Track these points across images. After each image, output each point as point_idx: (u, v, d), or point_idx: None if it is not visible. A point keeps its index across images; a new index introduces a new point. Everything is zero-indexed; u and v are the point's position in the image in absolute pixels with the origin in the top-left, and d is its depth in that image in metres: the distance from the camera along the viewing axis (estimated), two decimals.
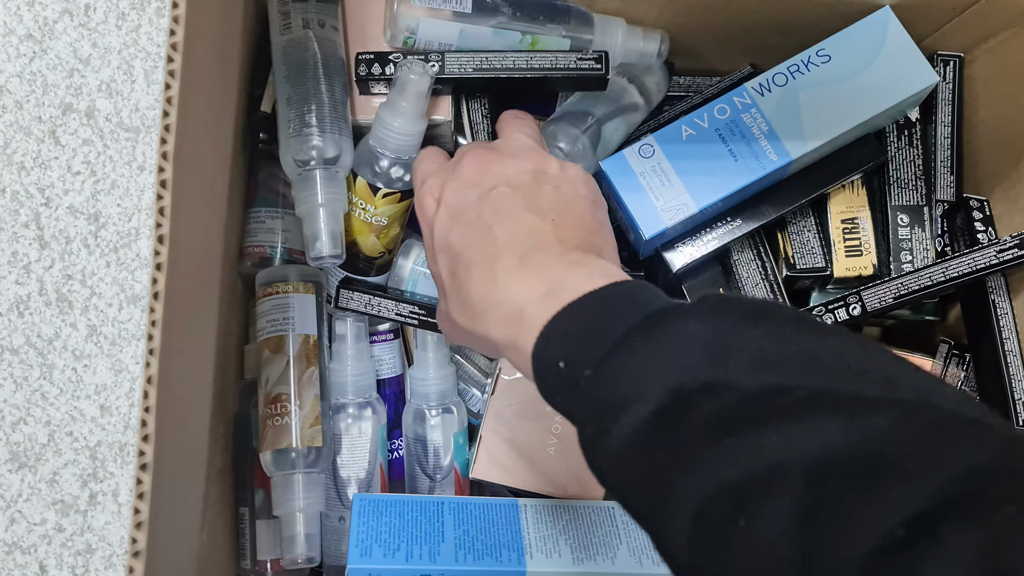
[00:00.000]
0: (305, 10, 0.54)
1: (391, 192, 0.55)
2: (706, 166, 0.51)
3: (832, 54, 0.53)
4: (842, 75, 0.52)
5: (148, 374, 0.28)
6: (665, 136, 0.52)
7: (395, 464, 0.60)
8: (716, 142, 0.52)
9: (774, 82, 0.53)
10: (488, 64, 0.55)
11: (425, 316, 0.56)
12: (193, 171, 0.34)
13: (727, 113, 0.52)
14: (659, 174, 0.51)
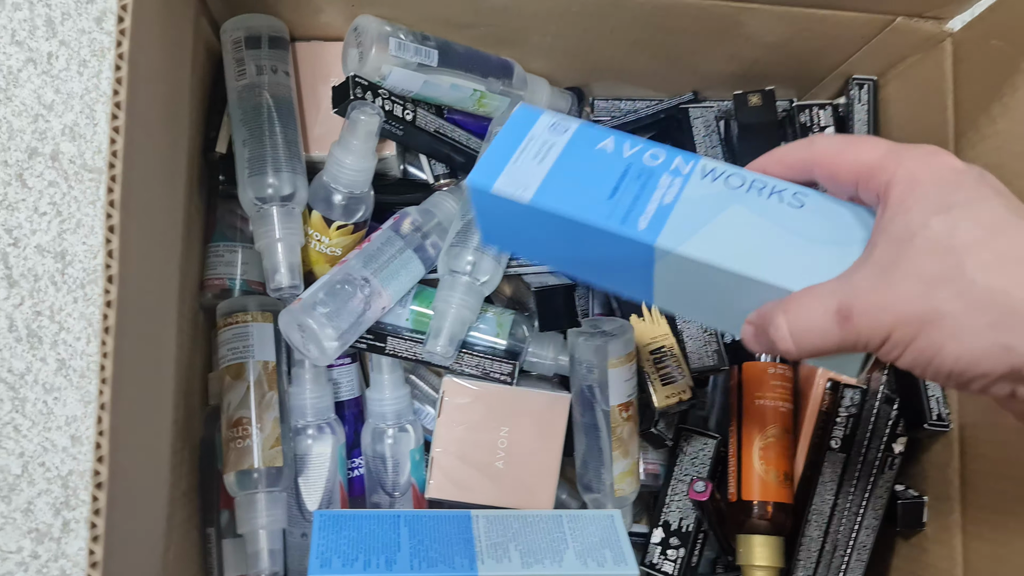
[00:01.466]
0: (259, 57, 0.57)
1: (344, 224, 0.58)
2: (581, 180, 0.40)
3: (808, 203, 0.38)
4: (792, 229, 0.37)
5: (101, 401, 0.31)
6: (586, 133, 0.42)
7: (356, 482, 0.62)
8: (615, 171, 0.40)
9: (726, 179, 0.39)
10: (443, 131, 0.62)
11: (375, 342, 0.59)
12: (141, 214, 0.37)
13: (656, 160, 0.40)
14: (543, 149, 0.41)
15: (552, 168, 0.41)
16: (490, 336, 0.60)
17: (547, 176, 0.40)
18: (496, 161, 0.41)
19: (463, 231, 0.58)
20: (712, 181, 0.39)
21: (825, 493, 0.59)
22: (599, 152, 0.41)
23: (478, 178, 0.40)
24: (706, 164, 0.40)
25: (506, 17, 0.58)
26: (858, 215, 0.36)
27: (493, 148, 0.41)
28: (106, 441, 0.31)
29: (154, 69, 0.39)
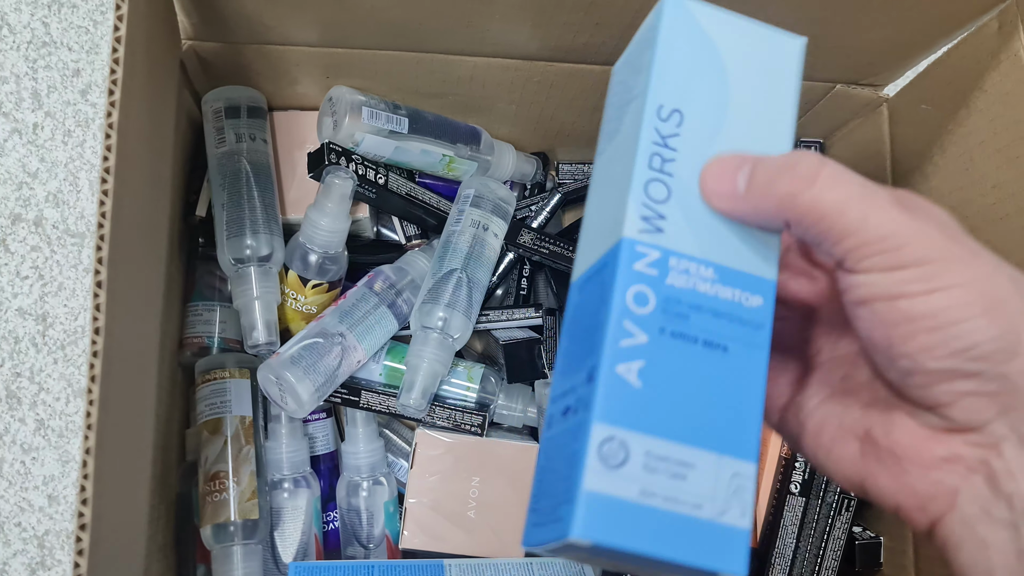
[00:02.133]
0: (237, 126, 0.60)
1: (320, 283, 0.61)
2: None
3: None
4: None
5: (86, 446, 0.32)
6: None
7: (331, 535, 0.64)
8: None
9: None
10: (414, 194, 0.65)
11: (350, 396, 0.61)
12: (127, 272, 0.39)
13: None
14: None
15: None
16: (461, 389, 0.62)
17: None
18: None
19: (434, 288, 0.60)
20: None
21: (787, 537, 0.61)
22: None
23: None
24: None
25: (472, 87, 0.61)
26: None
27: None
28: (90, 489, 0.32)
29: (140, 137, 0.41)
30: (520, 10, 0.51)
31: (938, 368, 0.24)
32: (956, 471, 0.25)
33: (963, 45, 0.52)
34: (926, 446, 0.26)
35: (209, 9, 0.51)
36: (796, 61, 0.30)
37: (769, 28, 0.30)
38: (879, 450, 0.27)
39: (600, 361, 0.26)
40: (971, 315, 0.24)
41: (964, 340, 0.24)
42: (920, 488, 0.26)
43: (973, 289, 0.24)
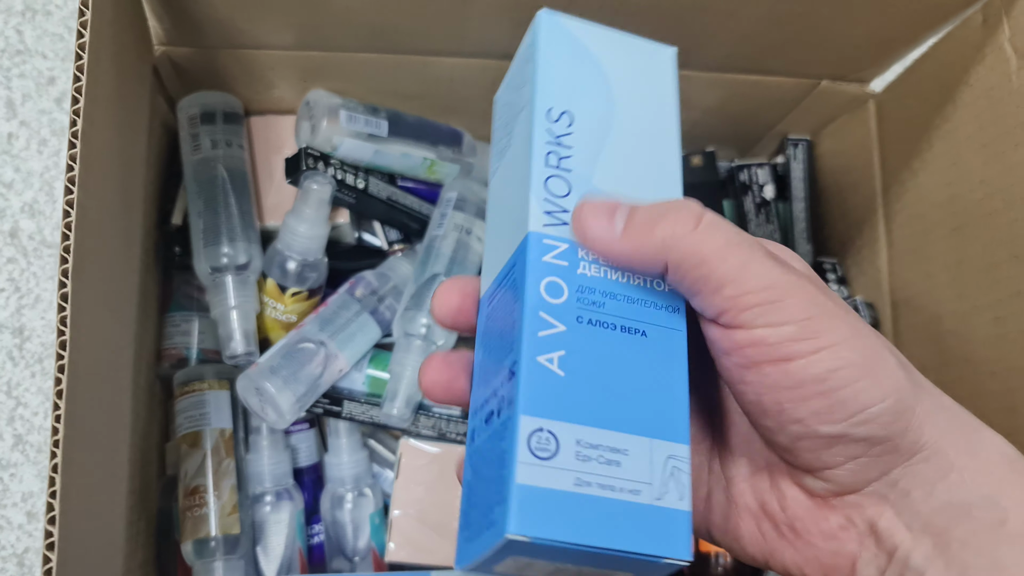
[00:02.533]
0: (213, 132, 0.59)
1: (299, 291, 0.59)
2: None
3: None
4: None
5: (54, 463, 0.31)
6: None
7: (315, 549, 0.62)
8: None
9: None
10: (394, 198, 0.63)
11: (332, 406, 0.60)
12: (96, 283, 0.38)
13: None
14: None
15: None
16: None
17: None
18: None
19: (417, 294, 0.59)
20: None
21: None
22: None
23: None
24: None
25: (452, 88, 0.60)
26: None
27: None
28: (58, 507, 0.31)
29: (108, 146, 0.40)
30: (498, 9, 0.50)
31: (829, 433, 0.24)
32: (852, 537, 0.25)
33: (948, 39, 0.51)
34: (822, 515, 0.26)
35: (181, 13, 0.50)
36: (671, 68, 0.31)
37: (642, 40, 0.31)
38: (779, 527, 0.26)
39: (520, 354, 0.26)
40: (857, 376, 0.23)
41: (853, 404, 0.23)
42: (824, 559, 0.26)
43: (853, 347, 0.23)
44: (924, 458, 0.24)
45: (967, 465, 0.24)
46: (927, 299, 0.55)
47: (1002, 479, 0.24)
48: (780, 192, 0.67)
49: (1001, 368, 0.47)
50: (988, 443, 0.25)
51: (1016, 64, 0.45)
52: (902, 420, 0.24)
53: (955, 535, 0.24)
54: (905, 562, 0.24)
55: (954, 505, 0.24)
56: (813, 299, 0.24)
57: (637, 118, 0.30)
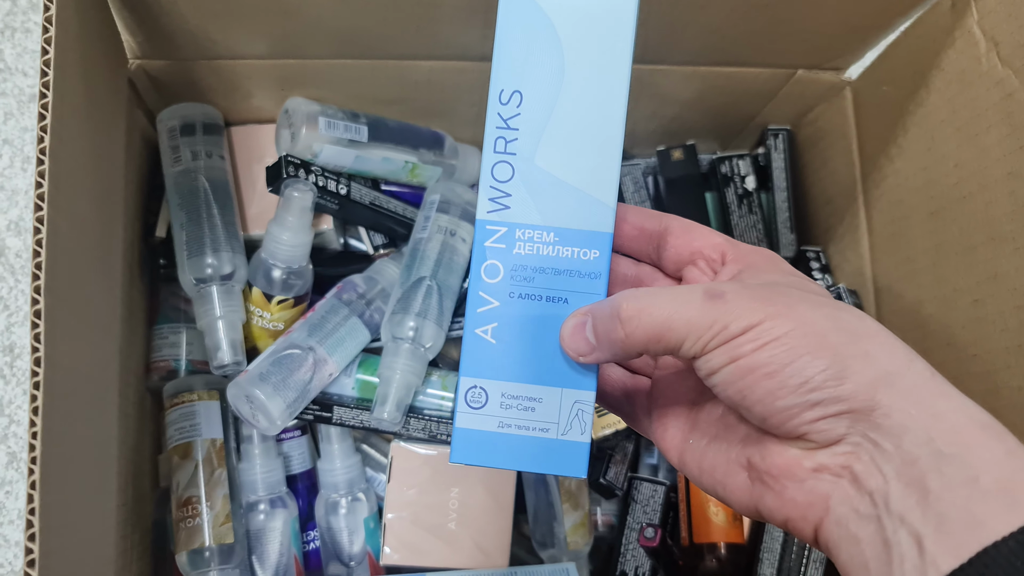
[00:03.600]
0: (193, 143, 0.59)
1: (285, 299, 0.59)
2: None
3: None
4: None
5: (31, 479, 0.31)
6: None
7: (312, 555, 0.63)
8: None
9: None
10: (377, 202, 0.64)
11: (322, 412, 0.60)
12: (73, 298, 0.38)
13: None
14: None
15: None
16: (436, 399, 0.61)
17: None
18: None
19: (404, 298, 0.60)
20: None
21: (774, 530, 0.60)
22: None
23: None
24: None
25: (430, 91, 0.61)
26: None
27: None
28: (37, 523, 0.31)
29: (80, 161, 0.40)
30: (468, 11, 0.50)
31: (785, 406, 0.28)
32: (825, 478, 0.28)
33: (919, 24, 0.52)
34: (797, 463, 0.29)
35: (153, 26, 0.50)
36: (631, 18, 0.32)
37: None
38: (761, 474, 0.30)
39: (464, 328, 0.33)
40: (797, 356, 0.27)
41: (797, 378, 0.27)
42: (799, 499, 0.29)
43: (795, 334, 0.27)
44: (885, 414, 0.27)
45: (932, 425, 0.26)
46: (908, 284, 0.55)
47: (969, 440, 0.25)
48: (762, 183, 0.67)
49: (982, 350, 0.47)
50: (957, 407, 0.26)
51: (985, 47, 0.45)
52: (848, 383, 0.27)
53: (930, 487, 0.25)
54: (886, 504, 0.26)
55: (923, 459, 0.26)
56: (755, 310, 0.28)
57: (587, 82, 0.32)
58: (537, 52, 0.32)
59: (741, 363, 0.28)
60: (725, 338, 0.28)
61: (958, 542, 0.24)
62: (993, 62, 0.45)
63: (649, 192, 0.69)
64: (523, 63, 0.32)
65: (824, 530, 0.28)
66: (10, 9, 0.73)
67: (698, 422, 0.34)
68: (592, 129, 0.33)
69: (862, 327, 0.28)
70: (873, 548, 0.26)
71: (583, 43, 0.32)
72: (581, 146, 0.33)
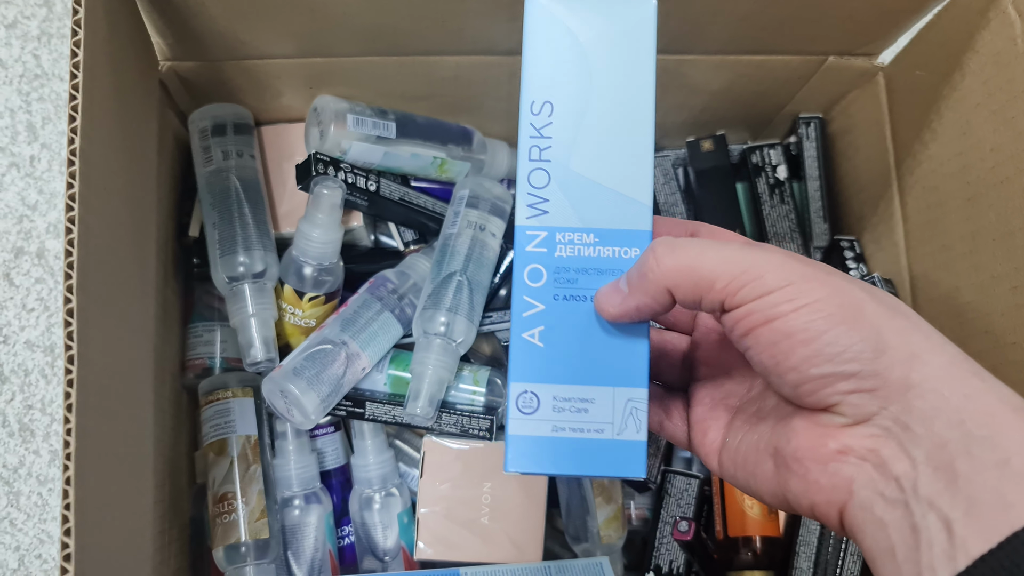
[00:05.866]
0: (224, 143, 0.60)
1: (316, 296, 0.60)
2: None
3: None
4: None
5: (66, 475, 0.32)
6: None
7: (346, 550, 0.63)
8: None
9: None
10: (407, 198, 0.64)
11: (355, 408, 0.60)
12: (104, 298, 0.39)
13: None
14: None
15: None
16: (468, 393, 0.61)
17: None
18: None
19: (434, 294, 0.60)
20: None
21: (810, 523, 0.60)
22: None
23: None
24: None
25: (457, 86, 0.61)
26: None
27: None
28: (72, 521, 0.32)
29: (112, 162, 0.41)
30: (493, 6, 0.50)
31: (820, 374, 0.27)
32: (849, 461, 0.28)
33: (952, 6, 0.50)
34: (821, 443, 0.28)
35: (182, 29, 0.51)
36: (651, 22, 0.34)
37: (621, 1, 0.34)
38: (786, 459, 0.29)
39: (510, 333, 0.33)
40: (834, 324, 0.27)
41: (834, 347, 0.27)
42: (823, 482, 0.28)
43: (832, 301, 0.27)
44: (919, 395, 0.26)
45: (964, 407, 0.25)
46: (945, 272, 0.54)
47: (1002, 422, 0.25)
48: (794, 172, 0.66)
49: (1021, 338, 0.46)
50: (989, 389, 0.26)
51: (1021, 27, 0.44)
52: (884, 357, 0.27)
53: (960, 471, 0.25)
54: (914, 489, 0.26)
55: (954, 442, 0.25)
56: (790, 268, 0.28)
57: (615, 87, 0.33)
58: (563, 63, 0.33)
59: (776, 325, 0.28)
60: (760, 291, 0.28)
61: (988, 525, 0.23)
62: None
63: (679, 184, 0.68)
64: (551, 75, 0.33)
65: (848, 514, 0.28)
66: (46, 16, 0.75)
67: (737, 415, 0.34)
68: (623, 131, 0.33)
69: (897, 305, 0.28)
70: (900, 533, 0.26)
71: (607, 51, 0.33)
72: (613, 148, 0.33)
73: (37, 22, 0.74)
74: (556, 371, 0.33)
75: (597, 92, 0.33)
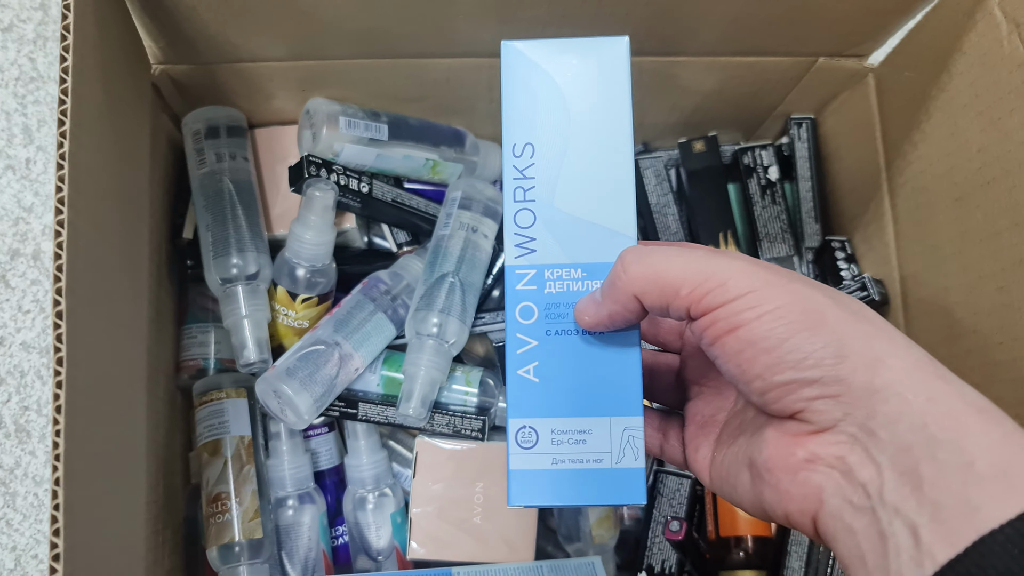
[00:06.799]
0: (217, 146, 0.60)
1: (309, 297, 0.60)
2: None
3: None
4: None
5: (55, 476, 0.32)
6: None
7: (340, 550, 0.63)
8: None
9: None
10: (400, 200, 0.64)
11: (348, 409, 0.60)
12: (94, 300, 0.39)
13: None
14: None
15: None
16: (460, 394, 0.61)
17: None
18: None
19: (427, 295, 0.60)
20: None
21: None
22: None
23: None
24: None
25: (449, 88, 0.61)
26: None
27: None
28: (61, 521, 0.32)
29: (102, 165, 0.41)
30: (482, 7, 0.50)
31: (783, 380, 0.27)
32: (817, 469, 0.28)
33: (940, 7, 0.51)
34: (790, 452, 0.28)
35: (174, 32, 0.51)
36: (624, 60, 0.34)
37: (595, 40, 0.34)
38: (759, 470, 0.30)
39: (506, 370, 0.34)
40: (796, 331, 0.27)
41: (796, 353, 0.27)
42: (793, 491, 0.28)
43: (794, 308, 0.27)
44: (882, 399, 0.26)
45: (927, 410, 0.25)
46: (934, 272, 0.54)
47: (965, 424, 0.25)
48: (785, 173, 0.67)
49: (1007, 338, 0.46)
50: (954, 392, 0.26)
51: (1007, 29, 0.45)
52: (847, 363, 0.27)
53: (924, 475, 0.24)
54: (880, 496, 0.26)
55: (918, 446, 0.25)
56: (752, 275, 0.28)
57: (592, 125, 0.34)
58: (541, 105, 0.34)
59: (740, 334, 0.28)
60: (723, 298, 0.28)
61: (954, 530, 0.23)
62: (1015, 44, 0.44)
63: (671, 185, 0.69)
64: (530, 117, 0.34)
65: (820, 522, 0.28)
66: (42, 19, 0.75)
67: (722, 431, 0.34)
68: (603, 167, 0.34)
69: (861, 310, 0.28)
70: (869, 540, 0.26)
71: (584, 90, 0.34)
72: (595, 184, 0.34)
73: (33, 25, 0.75)
74: (553, 405, 0.33)
75: (576, 131, 0.34)
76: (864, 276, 0.60)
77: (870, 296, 0.59)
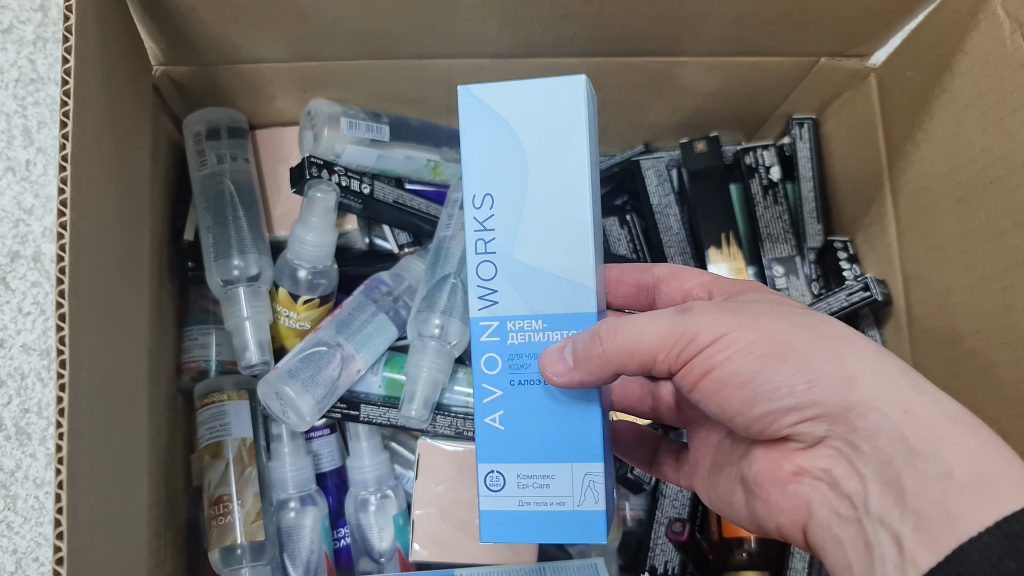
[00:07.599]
0: (218, 147, 0.60)
1: (311, 299, 0.60)
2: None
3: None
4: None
5: (59, 479, 0.32)
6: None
7: (342, 552, 0.63)
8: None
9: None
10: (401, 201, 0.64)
11: (350, 410, 0.60)
12: (99, 302, 0.39)
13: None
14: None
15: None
16: (463, 396, 0.61)
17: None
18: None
19: (429, 296, 0.60)
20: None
21: None
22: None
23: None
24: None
25: (450, 89, 0.61)
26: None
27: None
28: (65, 524, 0.32)
29: (104, 166, 0.41)
30: (483, 8, 0.50)
31: (761, 413, 0.28)
32: (805, 482, 0.28)
33: (943, 7, 0.51)
34: (778, 466, 0.29)
35: (175, 33, 0.51)
36: (581, 99, 0.33)
37: (552, 80, 0.33)
38: (750, 485, 0.30)
39: (475, 419, 0.35)
40: (765, 365, 0.28)
41: (767, 385, 0.28)
42: (783, 504, 0.29)
43: (762, 343, 0.28)
44: (860, 415, 0.27)
45: (905, 422, 0.26)
46: (936, 272, 0.54)
47: (942, 434, 0.26)
48: (787, 173, 0.67)
49: (1011, 338, 0.46)
50: (930, 402, 0.27)
51: (1010, 28, 0.45)
52: (819, 387, 0.27)
53: (906, 486, 0.25)
54: (865, 506, 0.26)
55: (898, 457, 0.26)
56: (720, 321, 0.29)
57: (550, 173, 0.34)
58: (500, 155, 0.34)
59: (714, 375, 0.29)
60: (695, 349, 0.29)
61: (935, 538, 0.24)
62: (1018, 43, 0.44)
63: (673, 185, 0.69)
64: (489, 167, 0.34)
65: (810, 533, 0.29)
66: (42, 20, 0.75)
67: (715, 454, 0.35)
68: (562, 217, 0.34)
69: (829, 331, 0.29)
70: (855, 550, 0.26)
71: (541, 139, 0.33)
72: (554, 235, 0.34)
73: (32, 27, 0.75)
74: (518, 451, 0.35)
75: (534, 179, 0.34)
76: (866, 276, 0.59)
77: (872, 296, 0.59)
